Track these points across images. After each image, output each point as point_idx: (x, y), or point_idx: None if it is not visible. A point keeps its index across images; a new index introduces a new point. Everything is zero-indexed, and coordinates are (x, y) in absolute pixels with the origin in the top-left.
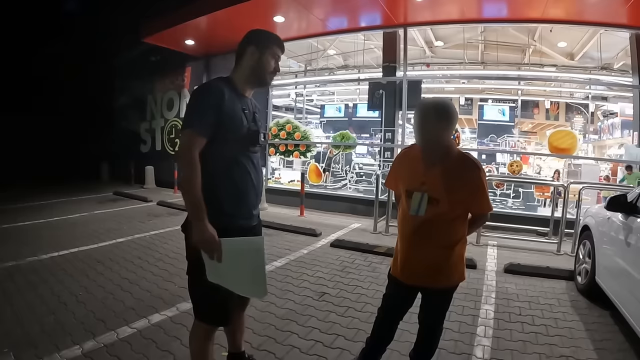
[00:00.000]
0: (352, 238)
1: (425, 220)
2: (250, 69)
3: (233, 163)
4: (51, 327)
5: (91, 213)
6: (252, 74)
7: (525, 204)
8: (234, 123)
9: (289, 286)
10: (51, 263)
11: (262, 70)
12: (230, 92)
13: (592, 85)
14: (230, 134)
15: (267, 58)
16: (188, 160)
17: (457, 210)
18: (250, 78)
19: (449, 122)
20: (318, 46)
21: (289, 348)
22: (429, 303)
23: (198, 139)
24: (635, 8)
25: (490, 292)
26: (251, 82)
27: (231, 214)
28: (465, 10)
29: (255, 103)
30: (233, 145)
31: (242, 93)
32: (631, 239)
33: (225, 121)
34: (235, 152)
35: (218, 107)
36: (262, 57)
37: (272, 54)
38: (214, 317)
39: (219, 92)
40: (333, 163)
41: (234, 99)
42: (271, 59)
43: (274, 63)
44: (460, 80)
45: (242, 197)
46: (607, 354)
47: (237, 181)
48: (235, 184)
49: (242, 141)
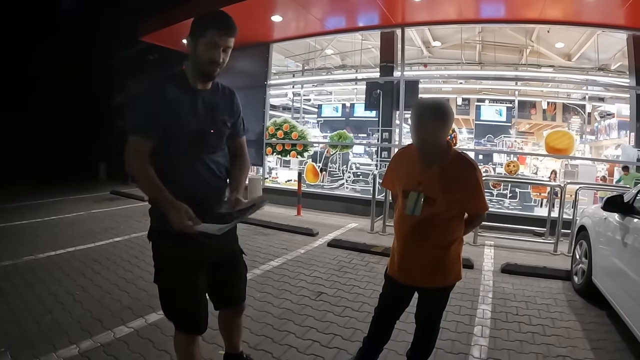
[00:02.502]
0: (349, 238)
1: (422, 220)
2: (192, 62)
3: (180, 166)
4: (48, 327)
5: (88, 212)
6: (194, 67)
7: (522, 204)
8: (176, 122)
9: (286, 286)
10: (48, 262)
11: (198, 62)
12: (176, 87)
13: (589, 86)
14: (173, 134)
15: (202, 48)
16: (137, 168)
17: (454, 210)
18: (194, 71)
19: (446, 122)
20: (316, 46)
21: (286, 348)
22: (425, 302)
23: (142, 144)
24: (633, 9)
25: (487, 292)
26: (197, 75)
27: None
28: (463, 11)
29: (224, 91)
30: (181, 146)
31: (194, 87)
32: (628, 239)
33: (168, 121)
34: (184, 153)
35: (162, 106)
36: (197, 47)
37: (208, 43)
38: (187, 325)
39: (161, 89)
40: (330, 163)
41: (180, 94)
42: (208, 48)
43: (210, 52)
44: (457, 80)
45: (188, 199)
46: (604, 353)
47: (184, 185)
48: (180, 189)
49: (190, 141)
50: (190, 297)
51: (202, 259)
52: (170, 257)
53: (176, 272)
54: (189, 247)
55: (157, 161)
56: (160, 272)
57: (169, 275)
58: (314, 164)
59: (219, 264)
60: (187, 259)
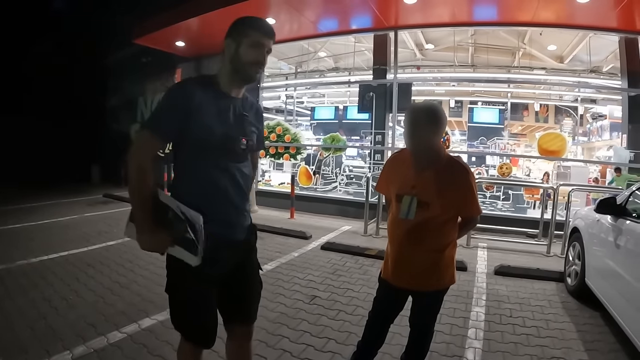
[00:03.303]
0: (343, 241)
1: (416, 224)
2: (230, 64)
3: (206, 173)
4: (42, 332)
5: (82, 215)
6: (233, 70)
7: (515, 206)
8: (205, 128)
9: (280, 289)
10: (42, 266)
11: (240, 63)
12: (209, 92)
13: (581, 88)
14: (201, 140)
15: (244, 48)
16: (137, 163)
17: (447, 213)
18: (232, 74)
19: (439, 127)
20: (309, 48)
21: (280, 352)
22: (419, 306)
23: (153, 142)
24: (625, 12)
25: (481, 294)
26: (234, 79)
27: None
28: (456, 13)
29: (252, 103)
30: (208, 153)
31: (227, 93)
32: (620, 240)
33: (194, 126)
34: (211, 160)
35: (186, 110)
36: (239, 48)
37: (251, 43)
38: (196, 337)
39: (189, 93)
40: (323, 165)
41: (213, 100)
42: (250, 49)
43: (254, 52)
44: (450, 82)
45: (211, 211)
46: (598, 354)
47: (209, 194)
48: (199, 196)
49: (218, 149)
50: (203, 311)
51: (218, 272)
52: (184, 269)
53: (190, 285)
54: (206, 260)
55: (186, 169)
56: (173, 284)
57: (182, 288)
58: (307, 166)
59: (234, 278)
60: (203, 272)
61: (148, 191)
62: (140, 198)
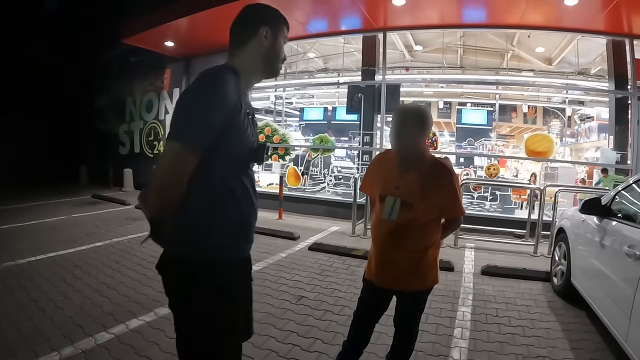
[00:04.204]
0: (331, 241)
1: (399, 225)
2: (262, 57)
3: (236, 184)
4: (29, 334)
5: (69, 216)
6: (266, 63)
7: (503, 206)
8: (241, 135)
9: (267, 290)
10: (29, 268)
11: (277, 57)
12: (239, 90)
13: (569, 90)
14: (236, 148)
15: (280, 43)
16: (174, 183)
17: (431, 214)
18: (263, 68)
19: (425, 128)
20: (298, 49)
21: (267, 352)
22: (403, 306)
23: (192, 158)
24: (612, 15)
25: (468, 294)
26: (261, 74)
27: (228, 246)
28: (445, 15)
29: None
30: (235, 162)
31: (245, 90)
32: (605, 241)
33: (232, 133)
34: (238, 170)
35: (228, 113)
36: (277, 40)
37: (284, 38)
38: None
39: (233, 92)
40: (312, 166)
41: (242, 100)
42: (283, 45)
43: (283, 49)
44: (439, 84)
45: (245, 225)
46: (584, 353)
47: (241, 207)
48: (239, 211)
49: (247, 157)
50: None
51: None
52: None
53: (227, 322)
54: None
55: (217, 186)
56: (203, 330)
57: (217, 331)
58: (295, 167)
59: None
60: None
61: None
62: (167, 217)
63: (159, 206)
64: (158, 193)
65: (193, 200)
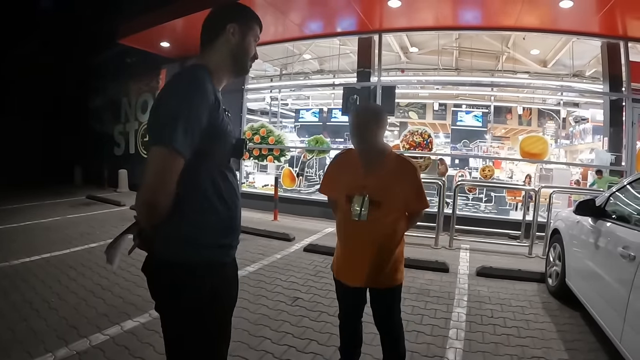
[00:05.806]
0: (326, 242)
1: (365, 223)
2: (230, 54)
3: (221, 181)
4: (23, 335)
5: (64, 217)
6: (234, 61)
7: (498, 207)
8: (222, 131)
9: (262, 291)
10: (23, 268)
11: (245, 55)
12: (213, 87)
13: (564, 92)
14: (219, 145)
15: (249, 40)
16: (166, 191)
17: (397, 210)
18: (232, 66)
19: (384, 126)
20: (294, 50)
21: (262, 353)
22: (377, 305)
23: (178, 161)
24: (607, 17)
25: (463, 295)
26: (230, 72)
27: (221, 244)
28: (440, 18)
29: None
30: (218, 158)
31: (217, 87)
32: (599, 242)
33: (214, 130)
34: (220, 167)
35: (209, 112)
36: (245, 38)
37: (254, 36)
38: None
39: (210, 89)
40: (307, 167)
41: (218, 96)
42: (253, 43)
43: (253, 47)
44: (434, 86)
45: (234, 223)
46: (578, 354)
47: (229, 204)
48: (226, 208)
49: (228, 153)
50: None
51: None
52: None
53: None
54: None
55: (204, 181)
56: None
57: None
58: (290, 168)
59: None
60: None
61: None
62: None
63: (150, 214)
64: (149, 201)
65: (181, 202)
